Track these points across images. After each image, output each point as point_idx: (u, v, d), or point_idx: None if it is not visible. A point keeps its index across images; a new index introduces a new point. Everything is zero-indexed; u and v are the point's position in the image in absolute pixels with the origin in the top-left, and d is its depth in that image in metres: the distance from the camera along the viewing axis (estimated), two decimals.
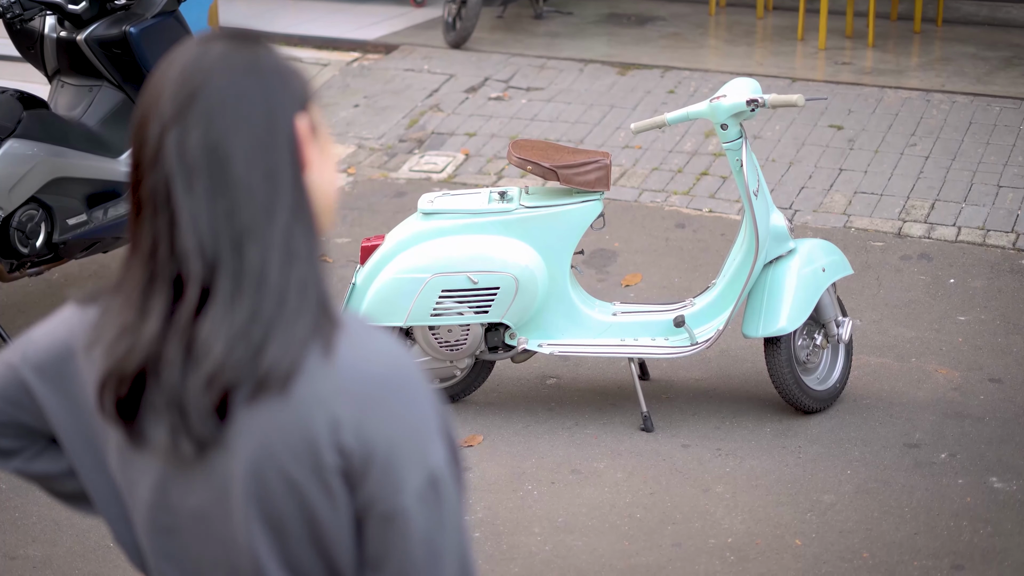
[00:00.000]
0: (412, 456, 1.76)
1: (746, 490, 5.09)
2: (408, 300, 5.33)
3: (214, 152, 1.73)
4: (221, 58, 1.77)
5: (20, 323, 6.49)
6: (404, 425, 1.76)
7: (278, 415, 1.74)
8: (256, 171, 1.75)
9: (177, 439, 1.76)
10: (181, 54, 1.78)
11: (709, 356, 6.01)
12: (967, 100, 8.64)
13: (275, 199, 1.75)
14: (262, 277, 1.73)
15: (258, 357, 1.72)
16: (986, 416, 5.54)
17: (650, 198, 7.78)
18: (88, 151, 6.43)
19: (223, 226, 1.73)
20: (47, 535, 4.91)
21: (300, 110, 1.80)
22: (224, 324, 1.72)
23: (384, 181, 8.22)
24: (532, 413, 5.66)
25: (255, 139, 1.75)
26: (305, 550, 1.79)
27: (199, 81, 1.75)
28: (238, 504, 1.77)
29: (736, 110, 5.31)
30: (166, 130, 1.75)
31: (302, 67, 1.85)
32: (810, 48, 10.01)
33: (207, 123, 1.74)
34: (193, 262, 1.73)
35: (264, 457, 1.75)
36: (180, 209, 1.73)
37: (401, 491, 1.75)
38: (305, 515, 1.77)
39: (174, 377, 1.74)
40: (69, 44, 6.60)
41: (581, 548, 4.78)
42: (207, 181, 1.73)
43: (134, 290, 1.78)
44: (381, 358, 1.78)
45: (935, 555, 4.67)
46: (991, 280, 6.71)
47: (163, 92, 1.76)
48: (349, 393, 1.74)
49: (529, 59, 9.75)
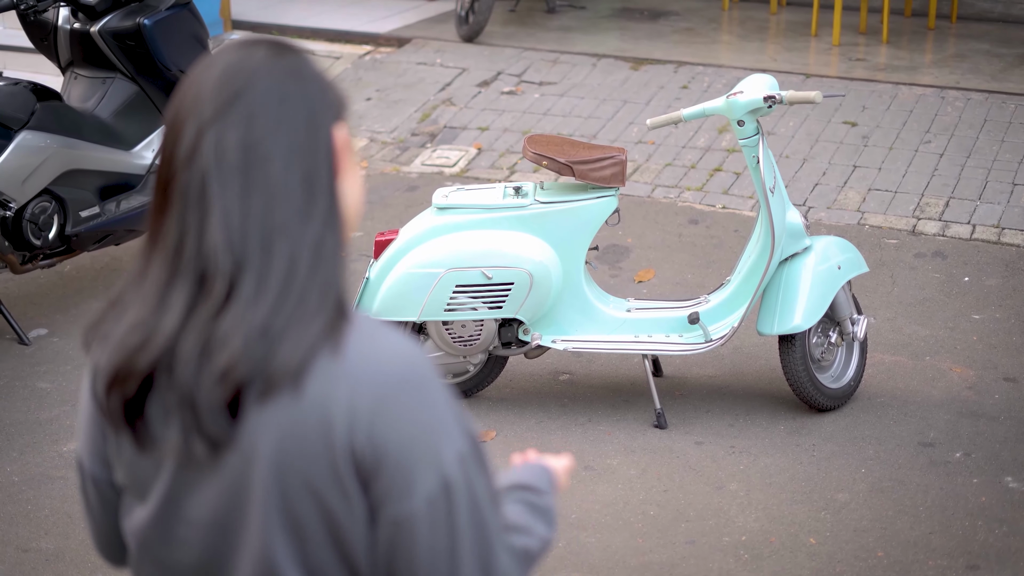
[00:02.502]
0: (424, 458, 1.75)
1: (760, 488, 5.08)
2: (422, 295, 5.32)
3: (254, 151, 1.74)
4: (264, 62, 1.78)
5: (32, 315, 6.49)
6: (416, 425, 1.75)
7: (292, 415, 1.73)
8: (295, 173, 1.76)
9: (189, 438, 1.75)
10: (222, 56, 1.79)
11: (723, 353, 6.00)
12: (982, 97, 8.62)
13: (312, 202, 1.76)
14: (289, 276, 1.73)
15: (271, 354, 1.71)
16: (1001, 415, 5.52)
17: (663, 194, 7.76)
18: (101, 143, 6.42)
19: (255, 224, 1.73)
20: (60, 528, 4.90)
21: (337, 120, 1.81)
22: (244, 320, 1.71)
23: (396, 175, 8.21)
24: (545, 409, 5.65)
25: (296, 141, 1.76)
26: (326, 553, 1.77)
27: (242, 82, 1.76)
28: (256, 508, 1.76)
29: (753, 106, 5.29)
30: (204, 129, 1.75)
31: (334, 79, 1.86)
32: (824, 44, 9.98)
33: (248, 122, 1.75)
34: (223, 258, 1.73)
35: (282, 459, 1.73)
36: (213, 205, 1.74)
37: (411, 496, 1.74)
38: (324, 517, 1.75)
39: (188, 373, 1.73)
40: (83, 36, 6.60)
41: (594, 545, 4.77)
42: (243, 179, 1.74)
43: (153, 286, 1.77)
44: (393, 356, 1.77)
45: (950, 554, 4.65)
46: (1006, 278, 6.69)
47: (202, 92, 1.77)
48: (362, 392, 1.73)
49: (542, 53, 9.72)
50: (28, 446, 5.43)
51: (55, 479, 5.20)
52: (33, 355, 6.15)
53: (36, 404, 5.73)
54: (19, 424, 5.58)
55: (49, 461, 5.32)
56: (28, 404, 5.74)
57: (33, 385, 5.89)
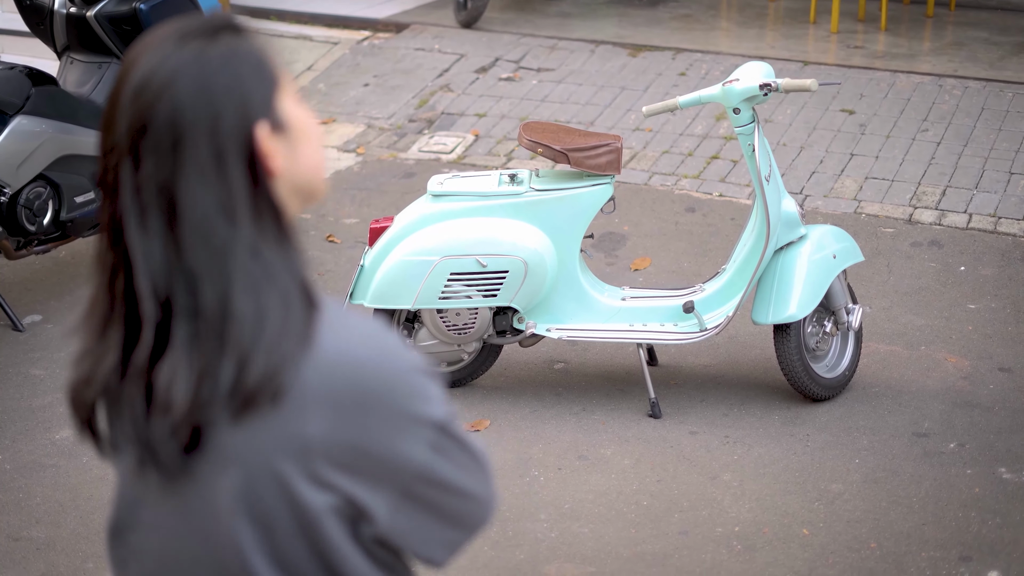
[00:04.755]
0: (414, 423, 1.74)
1: (754, 478, 5.07)
2: (416, 283, 5.31)
3: (164, 190, 1.66)
4: (174, 79, 1.66)
5: (27, 301, 6.48)
6: (396, 406, 1.73)
7: (269, 422, 1.69)
8: (208, 208, 1.66)
9: (144, 468, 1.72)
10: (142, 61, 1.69)
11: (718, 342, 5.99)
12: (979, 86, 8.60)
13: (232, 233, 1.67)
14: (226, 313, 1.66)
15: (238, 386, 1.66)
16: (995, 406, 5.51)
17: (660, 181, 7.75)
18: (97, 128, 6.39)
19: (176, 267, 1.66)
20: (51, 517, 4.89)
21: (261, 117, 1.70)
22: (184, 368, 1.65)
23: (393, 161, 8.19)
24: (539, 398, 5.64)
25: (203, 175, 1.66)
26: (295, 546, 1.74)
27: (149, 111, 1.66)
28: (223, 508, 1.72)
29: (749, 94, 5.27)
30: (120, 157, 1.68)
31: (267, 48, 1.74)
32: (822, 31, 9.96)
33: (157, 158, 1.66)
34: (147, 304, 1.67)
35: (255, 464, 1.70)
36: (133, 247, 1.67)
37: (412, 457, 1.74)
38: (295, 512, 1.72)
39: (137, 417, 1.69)
40: (79, 20, 6.58)
41: (587, 535, 4.76)
42: (159, 220, 1.66)
43: (97, 314, 1.73)
44: (364, 341, 1.74)
45: (943, 546, 4.65)
46: (1002, 268, 6.68)
47: (120, 106, 1.69)
48: (337, 381, 1.70)
49: (540, 40, 9.70)
50: (20, 434, 5.42)
51: (47, 467, 5.19)
52: (27, 341, 6.14)
53: (29, 391, 5.72)
54: (11, 411, 5.57)
55: (41, 449, 5.31)
56: (21, 391, 5.73)
57: (26, 372, 5.88)
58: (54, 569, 4.61)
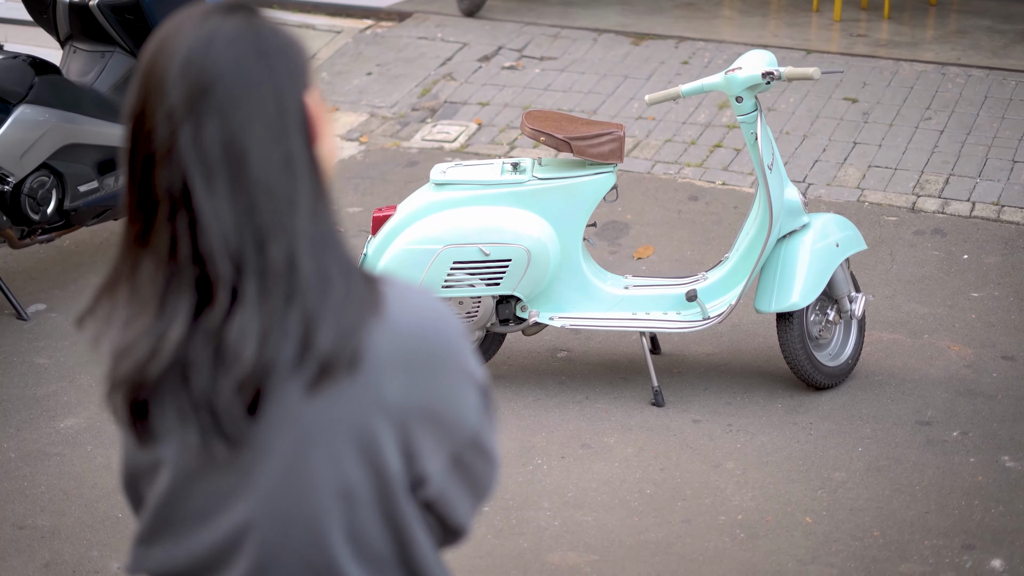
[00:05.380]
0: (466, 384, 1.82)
1: (757, 466, 5.08)
2: (419, 271, 5.31)
3: (232, 147, 1.69)
4: (228, 44, 1.71)
5: (31, 290, 6.49)
6: (456, 375, 1.80)
7: (348, 390, 1.72)
8: (274, 164, 1.70)
9: (208, 440, 1.72)
10: (182, 37, 1.71)
11: (721, 331, 5.99)
12: (983, 74, 8.59)
13: (296, 188, 1.72)
14: (292, 270, 1.69)
15: (308, 348, 1.69)
16: (999, 394, 5.52)
17: (663, 170, 7.75)
18: (100, 117, 6.41)
19: (247, 224, 1.69)
20: (55, 505, 4.90)
21: (307, 86, 1.76)
22: (252, 324, 1.68)
23: (396, 150, 8.19)
24: (543, 386, 5.65)
25: (270, 130, 1.71)
26: (372, 520, 1.77)
27: (209, 70, 1.69)
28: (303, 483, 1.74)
29: (751, 83, 5.27)
30: (177, 123, 1.69)
31: (298, 34, 1.81)
32: (825, 19, 9.95)
33: (221, 118, 1.69)
34: (221, 264, 1.68)
35: (338, 434, 1.73)
36: (202, 209, 1.68)
37: (468, 417, 1.82)
38: (378, 481, 1.75)
39: (203, 381, 1.70)
40: (81, 9, 6.58)
41: (590, 523, 4.77)
42: (227, 178, 1.69)
43: (150, 290, 1.72)
44: (424, 307, 1.80)
45: (946, 534, 4.65)
46: (1005, 256, 6.68)
47: (167, 78, 1.70)
48: (406, 348, 1.75)
49: (543, 28, 9.69)
50: (25, 422, 5.43)
51: (52, 456, 5.20)
52: (31, 330, 6.14)
53: (34, 380, 5.73)
54: (16, 400, 5.58)
55: (46, 437, 5.32)
56: (26, 380, 5.74)
57: (31, 361, 5.89)
58: (59, 557, 4.62)
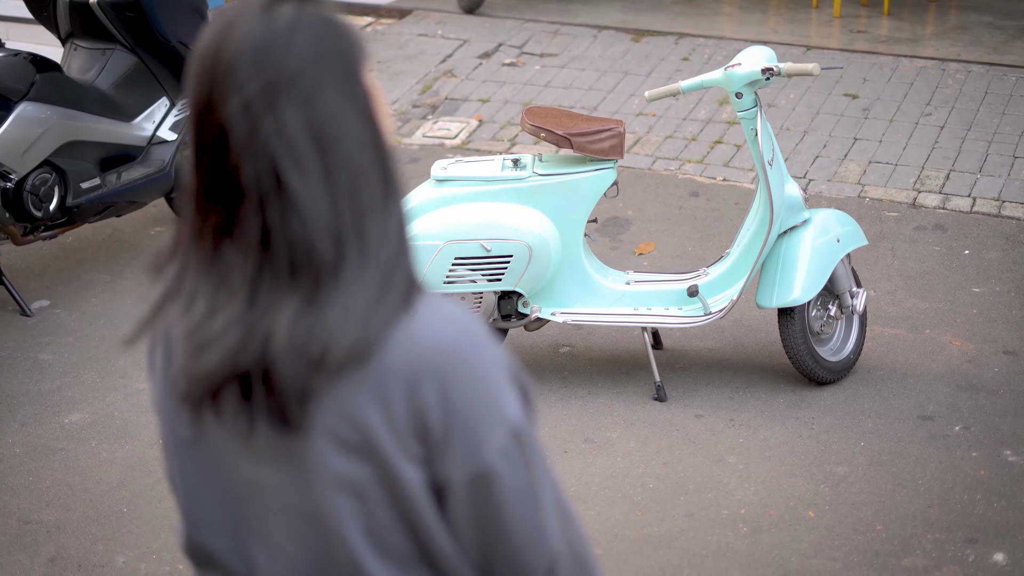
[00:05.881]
0: (490, 414, 1.73)
1: (759, 461, 5.09)
2: (420, 267, 5.31)
3: (322, 132, 1.69)
4: (296, 28, 1.70)
5: (34, 287, 6.50)
6: (479, 386, 1.73)
7: (355, 383, 1.70)
8: (365, 145, 1.71)
9: (260, 422, 1.72)
10: (245, 29, 1.70)
11: (723, 326, 6.00)
12: (983, 70, 8.60)
13: (385, 173, 1.73)
14: (385, 256, 1.71)
15: (361, 335, 1.69)
16: (1000, 389, 5.53)
17: (664, 166, 7.76)
18: (101, 115, 6.42)
19: (345, 208, 1.69)
20: (61, 500, 4.91)
21: (365, 65, 1.76)
22: (349, 307, 1.68)
23: (397, 147, 8.20)
24: (545, 382, 5.66)
25: (352, 112, 1.71)
26: (388, 518, 1.75)
27: (285, 57, 1.68)
28: (319, 475, 1.74)
29: (751, 79, 5.28)
30: (259, 113, 1.68)
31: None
32: (825, 16, 9.96)
33: (307, 104, 1.68)
34: (323, 249, 1.68)
35: (345, 424, 1.71)
36: (297, 194, 1.68)
37: (484, 449, 1.72)
38: (384, 480, 1.73)
39: (288, 364, 1.68)
40: (82, 7, 6.59)
41: (593, 518, 4.78)
42: (320, 164, 1.68)
43: (239, 278, 1.71)
44: (452, 323, 1.75)
45: (948, 528, 4.67)
46: (1006, 252, 6.69)
47: (237, 67, 1.68)
48: (424, 358, 1.71)
49: (543, 25, 9.70)
50: (30, 418, 5.44)
51: (56, 451, 5.21)
52: (35, 327, 6.16)
53: (38, 376, 5.75)
54: (21, 396, 5.59)
55: (50, 433, 5.33)
56: (30, 376, 5.75)
57: (35, 357, 5.90)
58: (64, 552, 4.63)
